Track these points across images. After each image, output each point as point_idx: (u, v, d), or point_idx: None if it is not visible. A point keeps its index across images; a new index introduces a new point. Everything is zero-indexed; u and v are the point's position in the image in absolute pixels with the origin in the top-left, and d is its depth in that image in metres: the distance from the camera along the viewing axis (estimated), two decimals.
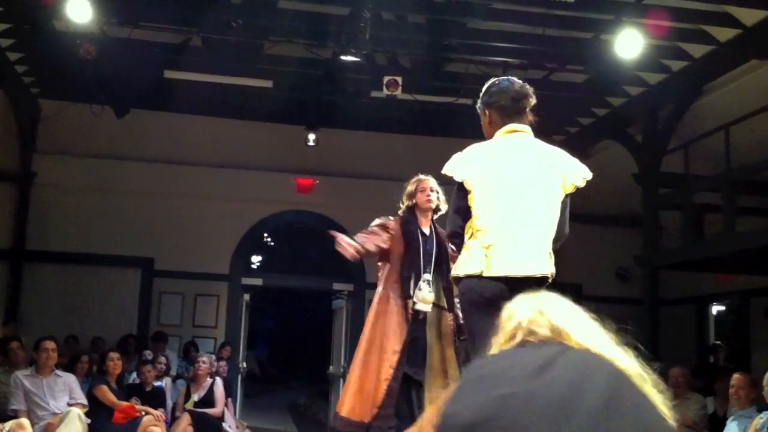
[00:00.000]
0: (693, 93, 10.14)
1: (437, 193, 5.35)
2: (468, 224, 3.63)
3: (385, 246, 5.24)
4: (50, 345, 7.61)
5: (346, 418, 4.99)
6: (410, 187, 5.41)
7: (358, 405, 4.97)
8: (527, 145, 3.71)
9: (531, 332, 2.02)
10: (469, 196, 3.60)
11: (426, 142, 11.89)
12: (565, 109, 11.58)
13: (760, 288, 11.40)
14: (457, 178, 3.63)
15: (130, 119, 11.51)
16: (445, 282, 5.21)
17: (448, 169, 3.69)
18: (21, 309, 12.02)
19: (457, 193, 3.67)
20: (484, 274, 3.49)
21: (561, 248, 3.77)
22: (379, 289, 5.26)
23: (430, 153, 3.60)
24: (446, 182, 3.73)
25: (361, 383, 5.00)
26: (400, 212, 5.42)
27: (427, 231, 5.33)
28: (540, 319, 2.03)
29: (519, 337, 2.04)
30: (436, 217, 5.41)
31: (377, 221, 5.32)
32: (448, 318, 5.20)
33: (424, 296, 5.14)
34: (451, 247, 4.94)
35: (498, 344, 2.27)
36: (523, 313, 2.08)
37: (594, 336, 1.98)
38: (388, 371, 4.97)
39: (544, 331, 1.99)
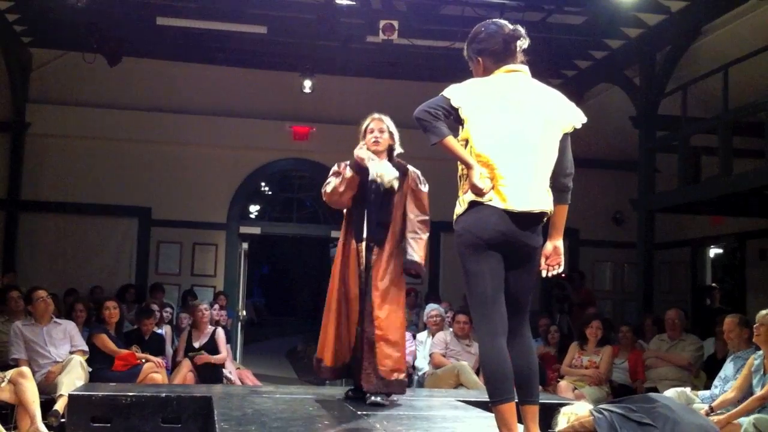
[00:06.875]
0: (692, 34, 10.01)
1: (389, 133, 5.20)
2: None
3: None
4: (43, 293, 7.59)
5: (330, 367, 5.14)
6: (362, 126, 5.24)
7: (339, 351, 5.13)
8: (526, 84, 3.66)
9: None
10: (465, 128, 3.54)
11: (423, 88, 11.75)
12: (562, 51, 11.47)
13: (756, 230, 11.43)
14: (454, 104, 3.55)
15: (123, 67, 11.39)
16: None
17: (445, 93, 3.59)
18: (17, 259, 12.04)
19: (449, 107, 3.52)
20: (484, 201, 3.44)
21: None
22: (341, 236, 5.30)
23: (427, 99, 3.51)
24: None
25: (337, 330, 5.13)
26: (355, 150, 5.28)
27: None
28: None
29: None
30: (396, 153, 5.24)
31: (332, 170, 5.22)
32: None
33: (383, 171, 5.06)
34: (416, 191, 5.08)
35: None
36: None
37: None
38: (354, 315, 5.09)
39: None
